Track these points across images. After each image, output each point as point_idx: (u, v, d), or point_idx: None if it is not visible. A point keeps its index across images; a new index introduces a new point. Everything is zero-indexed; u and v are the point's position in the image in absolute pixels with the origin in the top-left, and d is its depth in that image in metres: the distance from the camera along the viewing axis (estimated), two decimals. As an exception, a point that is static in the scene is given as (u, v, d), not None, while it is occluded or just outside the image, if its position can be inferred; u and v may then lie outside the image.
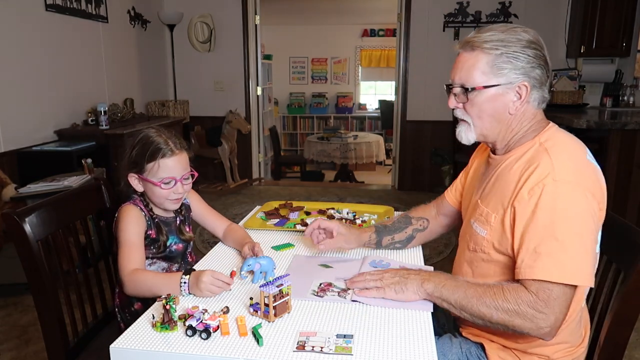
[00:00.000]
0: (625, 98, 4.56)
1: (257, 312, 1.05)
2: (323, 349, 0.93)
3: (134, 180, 1.37)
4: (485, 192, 1.18)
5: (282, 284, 1.03)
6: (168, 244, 1.42)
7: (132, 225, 1.33)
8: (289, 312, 1.06)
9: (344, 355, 0.91)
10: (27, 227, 1.23)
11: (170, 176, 1.34)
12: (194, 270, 1.19)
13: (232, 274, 1.16)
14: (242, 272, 1.22)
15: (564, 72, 4.59)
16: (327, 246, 1.36)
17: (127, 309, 1.43)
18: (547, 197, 0.99)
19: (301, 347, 0.94)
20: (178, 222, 1.47)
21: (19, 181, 2.89)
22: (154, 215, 1.40)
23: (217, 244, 1.54)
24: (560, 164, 1.02)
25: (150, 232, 1.38)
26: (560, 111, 4.08)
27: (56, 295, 1.30)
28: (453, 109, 1.17)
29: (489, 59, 1.08)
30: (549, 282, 0.97)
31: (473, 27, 4.68)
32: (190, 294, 1.16)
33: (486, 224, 1.13)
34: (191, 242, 1.52)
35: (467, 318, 1.06)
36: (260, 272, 1.24)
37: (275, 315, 1.02)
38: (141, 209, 1.37)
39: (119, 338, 0.98)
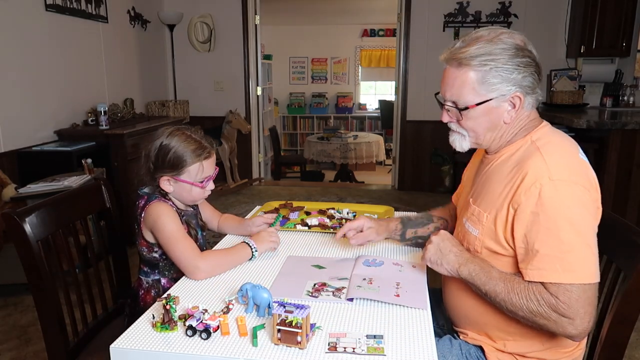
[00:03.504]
0: (625, 98, 4.56)
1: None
2: (355, 350, 0.93)
3: (165, 183, 1.36)
4: (477, 191, 1.18)
5: (291, 312, 0.94)
6: (198, 237, 1.45)
7: (171, 219, 1.33)
8: (301, 349, 0.93)
9: (377, 355, 0.92)
10: (27, 227, 1.23)
11: (208, 175, 1.38)
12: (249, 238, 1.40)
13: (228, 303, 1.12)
14: (238, 294, 1.14)
15: (564, 72, 4.59)
16: (359, 240, 1.38)
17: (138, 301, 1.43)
18: (546, 197, 0.99)
19: (333, 348, 0.94)
20: (196, 216, 1.50)
21: (19, 181, 2.89)
22: (180, 211, 1.41)
23: (217, 244, 1.55)
24: (554, 162, 1.02)
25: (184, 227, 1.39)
26: (560, 111, 4.09)
27: (56, 295, 1.29)
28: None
29: (478, 75, 1.06)
30: (565, 284, 0.97)
31: (473, 27, 4.68)
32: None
33: (478, 224, 1.14)
34: (204, 233, 1.55)
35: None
36: (254, 303, 1.12)
37: (279, 340, 0.94)
38: (171, 205, 1.38)
39: (119, 338, 0.98)
